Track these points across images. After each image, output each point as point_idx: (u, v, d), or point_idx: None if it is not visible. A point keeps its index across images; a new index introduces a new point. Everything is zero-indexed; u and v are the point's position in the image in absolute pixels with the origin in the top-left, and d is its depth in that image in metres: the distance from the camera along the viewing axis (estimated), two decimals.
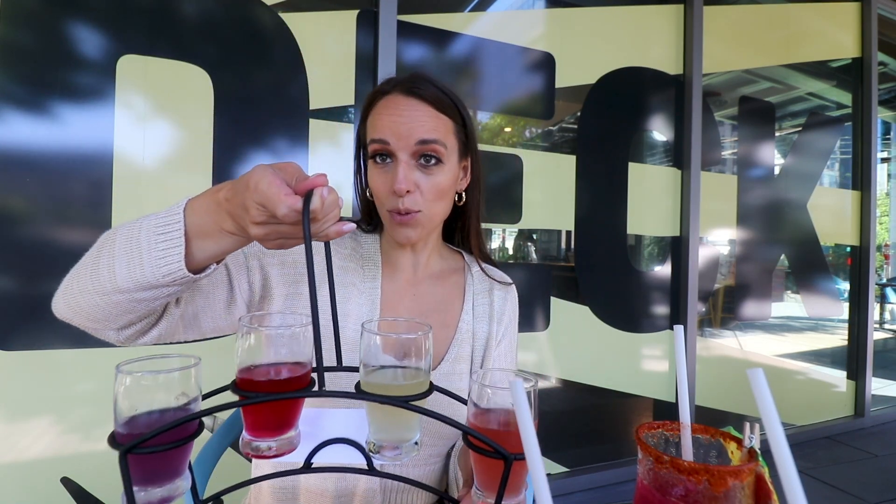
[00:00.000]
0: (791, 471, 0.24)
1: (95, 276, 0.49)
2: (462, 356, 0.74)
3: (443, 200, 0.70)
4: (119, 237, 0.49)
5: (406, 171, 0.65)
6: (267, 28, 1.50)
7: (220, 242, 0.48)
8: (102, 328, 0.54)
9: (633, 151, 2.15)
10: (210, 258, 0.50)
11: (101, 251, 0.50)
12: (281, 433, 0.40)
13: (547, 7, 2.04)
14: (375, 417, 0.42)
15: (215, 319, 0.64)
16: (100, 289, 0.49)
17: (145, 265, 0.47)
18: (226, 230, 0.47)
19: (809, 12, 2.63)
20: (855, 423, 2.73)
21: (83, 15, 1.30)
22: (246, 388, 0.38)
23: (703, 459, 0.38)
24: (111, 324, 0.53)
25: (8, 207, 1.23)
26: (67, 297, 0.52)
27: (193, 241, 0.48)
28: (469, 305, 0.77)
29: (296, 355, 0.40)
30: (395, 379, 0.40)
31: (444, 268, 0.80)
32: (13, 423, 1.24)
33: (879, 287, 5.05)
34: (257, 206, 0.42)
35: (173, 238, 0.47)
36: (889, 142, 4.97)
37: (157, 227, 0.47)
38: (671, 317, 2.25)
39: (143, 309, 0.52)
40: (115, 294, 0.49)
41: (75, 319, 0.53)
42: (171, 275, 0.47)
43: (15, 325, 1.24)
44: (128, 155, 1.33)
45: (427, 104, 0.67)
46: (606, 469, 2.04)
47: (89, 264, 0.50)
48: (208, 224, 0.48)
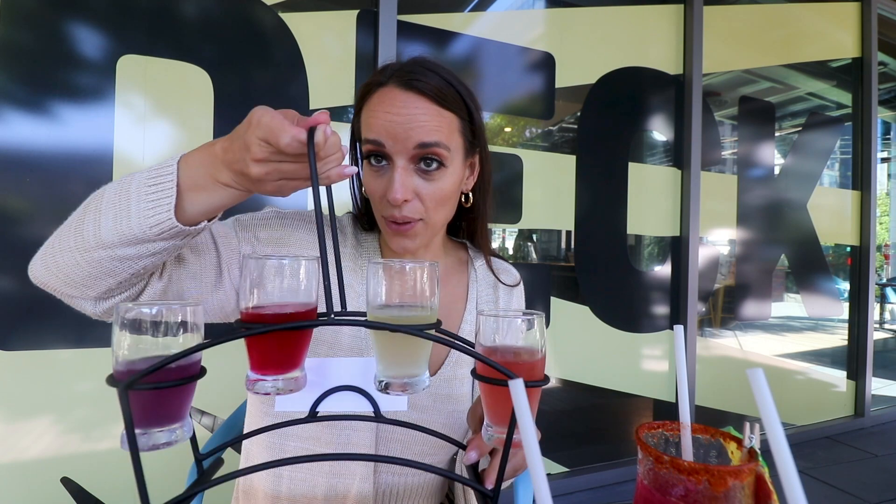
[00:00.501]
0: (791, 471, 0.24)
1: (79, 231, 0.47)
2: (464, 360, 0.71)
3: (446, 206, 0.64)
4: (108, 191, 0.47)
5: (403, 178, 0.58)
6: (267, 28, 1.50)
7: (213, 195, 0.47)
8: (80, 295, 0.50)
9: (633, 151, 2.15)
10: (201, 214, 0.48)
11: (88, 207, 0.48)
12: (286, 370, 0.39)
13: (547, 7, 2.04)
14: (384, 353, 0.41)
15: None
16: (82, 245, 0.46)
17: (132, 216, 0.45)
18: (220, 182, 0.46)
19: (809, 12, 2.63)
20: (855, 423, 2.73)
21: (83, 15, 1.30)
22: (251, 320, 0.37)
23: (703, 459, 0.38)
24: (90, 290, 0.49)
25: (8, 207, 1.23)
26: (46, 257, 0.49)
27: (186, 195, 0.46)
28: (473, 304, 0.74)
29: (301, 294, 0.39)
30: (402, 312, 0.39)
31: (448, 266, 0.76)
32: (13, 423, 1.24)
33: (879, 287, 5.05)
34: (259, 142, 0.42)
35: (164, 189, 0.45)
36: (889, 142, 4.97)
37: (149, 179, 0.46)
38: (671, 317, 2.25)
39: (125, 272, 0.48)
40: (97, 250, 0.46)
41: (51, 283, 0.50)
42: (160, 225, 0.45)
43: (15, 325, 1.24)
44: (128, 155, 1.33)
45: (428, 99, 0.60)
46: (606, 469, 2.04)
47: (74, 221, 0.48)
48: (203, 176, 0.46)
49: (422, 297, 0.39)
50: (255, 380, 0.38)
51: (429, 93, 0.60)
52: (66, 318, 1.28)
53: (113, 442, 1.32)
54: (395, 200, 0.58)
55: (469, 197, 0.70)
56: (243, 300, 0.38)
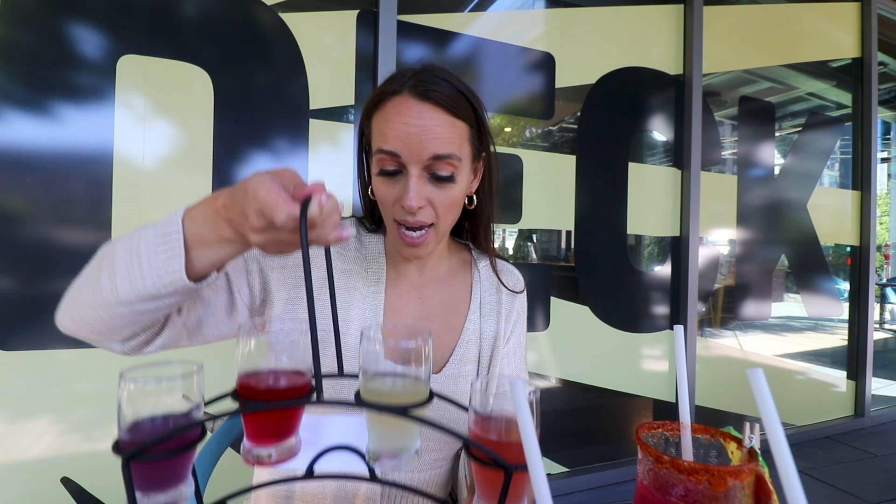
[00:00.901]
0: (791, 471, 0.24)
1: (97, 290, 0.49)
2: (468, 358, 0.72)
3: (454, 212, 0.67)
4: (119, 249, 0.49)
5: (418, 187, 0.61)
6: (267, 28, 1.50)
7: (219, 251, 0.48)
8: (107, 340, 0.54)
9: (634, 151, 2.15)
10: (210, 266, 0.49)
11: (102, 265, 0.50)
12: (281, 441, 0.40)
13: (547, 7, 2.04)
14: (375, 426, 0.41)
15: (218, 326, 0.63)
16: (102, 302, 0.49)
17: (146, 277, 0.47)
18: (225, 238, 0.47)
19: (809, 12, 2.63)
20: (855, 423, 2.73)
21: (83, 15, 1.30)
22: (246, 395, 0.39)
23: (703, 459, 0.38)
24: (115, 336, 0.53)
25: (8, 207, 1.23)
26: (71, 311, 0.52)
27: (193, 250, 0.48)
28: (476, 304, 0.75)
29: (295, 362, 0.40)
30: (394, 387, 0.40)
31: (451, 266, 0.77)
32: (13, 423, 1.24)
33: (879, 287, 5.05)
34: (256, 213, 0.42)
35: (173, 248, 0.47)
36: (889, 142, 4.97)
37: (157, 238, 0.47)
38: (671, 317, 2.25)
39: (146, 320, 0.52)
40: (118, 307, 0.49)
41: (80, 333, 0.53)
42: (173, 284, 0.47)
43: (15, 325, 1.24)
44: (128, 155, 1.33)
45: (442, 110, 0.61)
46: (606, 469, 2.04)
47: (90, 279, 0.50)
48: (207, 233, 0.47)
49: (416, 367, 0.40)
50: (250, 448, 0.40)
51: (444, 103, 0.61)
52: None
53: (112, 441, 1.31)
54: (410, 208, 0.61)
55: (473, 199, 0.71)
56: (238, 366, 0.39)
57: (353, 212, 1.61)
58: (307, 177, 1.53)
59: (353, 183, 1.61)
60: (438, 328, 0.72)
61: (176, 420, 0.36)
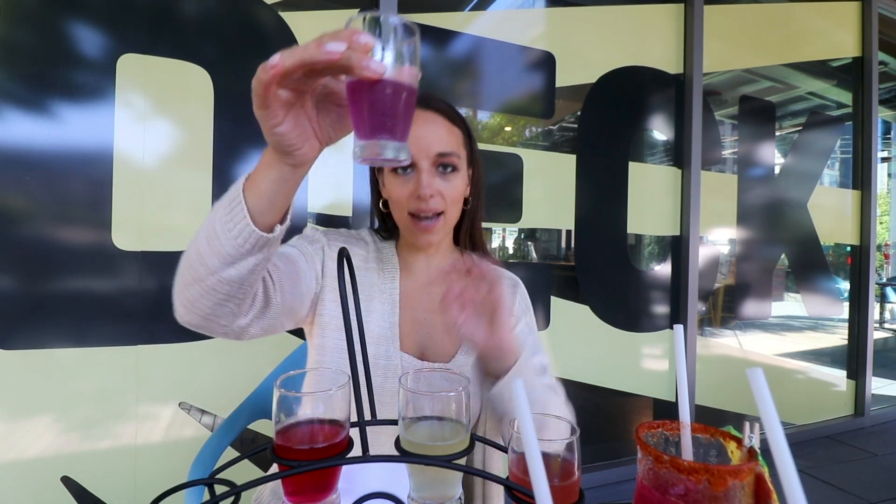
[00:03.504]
0: (791, 470, 0.24)
1: (189, 266, 0.52)
2: None
3: (458, 204, 0.78)
4: (203, 226, 0.52)
5: (429, 179, 0.72)
6: (267, 27, 1.50)
7: (267, 175, 0.48)
8: (215, 326, 0.57)
9: (634, 151, 2.15)
10: (269, 204, 0.49)
11: (191, 244, 0.53)
12: (321, 498, 0.39)
13: (547, 6, 2.03)
14: (416, 475, 0.41)
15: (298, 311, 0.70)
16: (196, 276, 0.52)
17: (220, 237, 0.49)
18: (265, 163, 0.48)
19: (810, 11, 2.62)
20: (855, 423, 2.73)
21: (83, 14, 1.30)
22: (284, 455, 0.37)
23: (703, 459, 0.38)
24: (220, 316, 0.55)
25: (8, 207, 1.23)
26: (179, 296, 0.55)
27: (250, 197, 0.49)
28: None
29: (334, 413, 0.39)
30: (434, 434, 0.39)
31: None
32: (13, 422, 1.24)
33: (879, 286, 5.05)
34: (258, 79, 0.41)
35: (235, 206, 0.49)
36: (889, 141, 4.97)
37: (224, 205, 0.50)
38: (671, 316, 2.25)
39: (238, 292, 0.53)
40: (208, 277, 0.51)
41: (193, 319, 0.56)
42: (241, 235, 0.49)
43: (15, 325, 1.24)
44: (128, 154, 1.33)
45: (442, 117, 0.75)
46: (606, 468, 2.04)
47: (184, 259, 0.54)
48: (255, 174, 0.49)
49: (458, 414, 0.39)
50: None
51: (443, 111, 0.76)
52: (66, 318, 1.28)
53: (113, 440, 1.32)
54: (424, 195, 0.72)
55: (468, 202, 0.83)
56: (275, 423, 0.38)
57: (353, 212, 1.61)
58: (307, 180, 1.53)
59: (352, 183, 1.61)
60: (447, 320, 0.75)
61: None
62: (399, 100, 0.39)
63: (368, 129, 0.39)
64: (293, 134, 0.44)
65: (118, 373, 1.33)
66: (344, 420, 0.39)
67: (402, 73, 0.38)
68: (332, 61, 0.37)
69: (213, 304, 0.53)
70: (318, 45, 0.37)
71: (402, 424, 0.40)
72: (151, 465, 1.34)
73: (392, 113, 0.39)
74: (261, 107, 0.41)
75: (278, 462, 0.37)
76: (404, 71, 0.38)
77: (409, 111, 0.40)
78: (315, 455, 0.37)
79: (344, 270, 0.42)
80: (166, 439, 1.37)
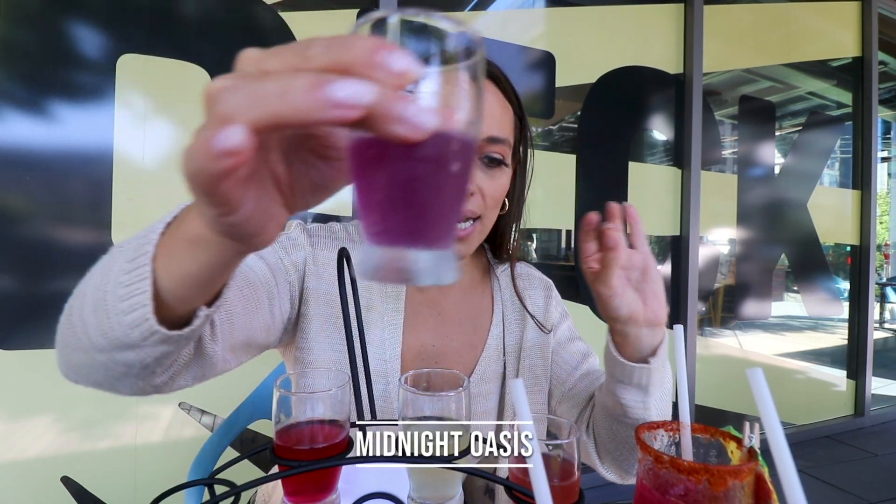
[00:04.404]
0: (791, 470, 0.24)
1: (70, 328, 0.36)
2: (489, 376, 0.68)
3: (498, 205, 0.62)
4: (94, 275, 0.35)
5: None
6: (267, 27, 1.50)
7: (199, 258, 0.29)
8: (113, 392, 0.40)
9: (634, 150, 2.15)
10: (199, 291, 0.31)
11: (75, 295, 0.36)
12: (321, 498, 0.39)
13: (547, 6, 2.03)
14: (416, 474, 0.40)
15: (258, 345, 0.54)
16: (80, 346, 0.35)
17: (110, 313, 0.32)
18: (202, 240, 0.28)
19: (810, 11, 2.62)
20: (855, 423, 2.73)
21: (83, 14, 1.30)
22: (284, 455, 0.37)
23: (703, 459, 0.38)
24: (120, 389, 0.38)
25: (8, 207, 1.23)
26: (61, 353, 0.39)
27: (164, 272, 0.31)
28: (499, 317, 0.70)
29: (334, 413, 0.39)
30: (434, 434, 0.39)
31: (472, 274, 0.73)
32: (13, 422, 1.24)
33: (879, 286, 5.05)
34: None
35: (136, 280, 0.31)
36: (889, 141, 4.97)
37: (124, 261, 0.32)
38: (671, 316, 2.25)
39: (143, 372, 0.36)
40: (96, 354, 0.34)
41: (79, 381, 0.40)
42: (139, 327, 0.31)
43: (15, 325, 1.24)
44: (128, 154, 1.33)
45: (496, 86, 0.55)
46: None
47: (66, 311, 0.37)
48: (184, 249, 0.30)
49: (458, 414, 0.39)
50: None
51: (497, 80, 0.55)
52: None
53: (113, 440, 1.32)
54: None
55: (505, 203, 0.65)
56: (275, 423, 0.38)
57: (353, 213, 1.60)
58: None
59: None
60: (458, 346, 0.68)
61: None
62: (454, 173, 0.22)
63: (394, 228, 0.22)
64: (253, 221, 0.24)
65: None
66: (344, 420, 0.39)
67: (459, 122, 0.22)
68: (344, 123, 0.19)
69: (107, 377, 0.37)
70: (313, 87, 0.18)
71: (403, 425, 0.40)
72: (151, 465, 1.34)
73: (439, 200, 0.22)
74: (206, 204, 0.22)
75: (278, 462, 0.37)
76: (462, 116, 0.22)
77: (463, 189, 0.23)
78: (315, 455, 0.37)
79: (344, 272, 0.40)
80: (166, 439, 1.37)
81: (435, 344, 0.66)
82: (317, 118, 0.18)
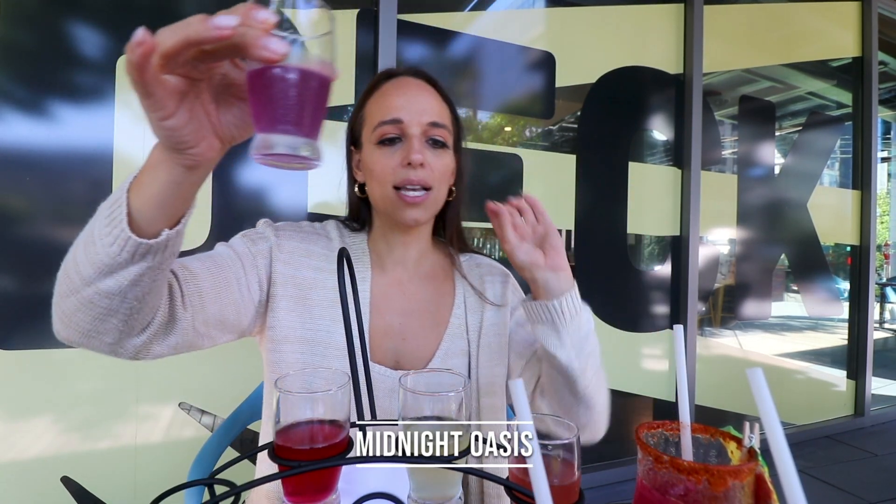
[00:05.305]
0: (791, 470, 0.24)
1: (65, 274, 0.46)
2: (454, 352, 0.74)
3: (446, 183, 0.72)
4: (84, 229, 0.46)
5: (419, 146, 0.67)
6: None
7: (157, 176, 0.42)
8: (99, 344, 0.49)
9: (634, 151, 2.15)
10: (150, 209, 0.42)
11: (71, 248, 0.47)
12: (321, 498, 0.39)
13: (547, 6, 2.03)
14: (416, 474, 0.40)
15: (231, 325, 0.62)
16: (72, 287, 0.45)
17: (97, 242, 0.42)
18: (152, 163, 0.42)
19: (810, 11, 2.63)
20: (855, 423, 2.73)
21: (83, 14, 1.30)
22: (284, 455, 0.37)
23: (703, 459, 0.38)
24: (104, 335, 0.48)
25: (8, 207, 1.23)
26: (56, 308, 0.48)
27: (133, 200, 0.42)
28: (461, 299, 0.77)
29: (334, 413, 0.39)
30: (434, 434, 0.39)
31: (435, 264, 0.80)
32: (13, 422, 1.24)
33: (879, 286, 5.05)
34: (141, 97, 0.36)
35: (116, 209, 0.42)
36: (889, 141, 4.97)
37: (106, 207, 0.43)
38: (671, 316, 2.25)
39: (120, 307, 0.45)
40: (83, 288, 0.44)
41: (71, 336, 0.49)
42: (117, 242, 0.41)
43: (15, 325, 1.24)
44: (128, 154, 1.33)
45: (435, 89, 0.72)
46: (606, 469, 2.04)
47: (63, 265, 0.47)
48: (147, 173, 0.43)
49: (458, 414, 0.39)
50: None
51: (435, 84, 0.73)
52: None
53: (112, 440, 1.32)
54: (415, 161, 0.65)
55: (452, 191, 0.76)
56: (275, 423, 0.38)
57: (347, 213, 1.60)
58: (307, 178, 1.54)
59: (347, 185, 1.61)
60: (424, 323, 0.74)
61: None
62: (306, 88, 0.34)
63: (267, 120, 0.34)
64: (187, 129, 0.38)
65: (118, 373, 1.33)
66: (344, 420, 0.39)
67: (311, 58, 0.34)
68: (221, 39, 0.31)
69: (93, 318, 0.46)
70: (204, 20, 0.31)
71: (402, 426, 0.40)
72: (151, 465, 1.34)
73: (296, 102, 0.34)
74: (143, 95, 0.35)
75: (278, 462, 0.37)
76: (313, 55, 0.34)
77: (320, 104, 0.35)
78: (315, 455, 0.37)
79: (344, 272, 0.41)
80: (166, 439, 1.37)
81: (401, 321, 0.73)
82: (205, 36, 0.32)
